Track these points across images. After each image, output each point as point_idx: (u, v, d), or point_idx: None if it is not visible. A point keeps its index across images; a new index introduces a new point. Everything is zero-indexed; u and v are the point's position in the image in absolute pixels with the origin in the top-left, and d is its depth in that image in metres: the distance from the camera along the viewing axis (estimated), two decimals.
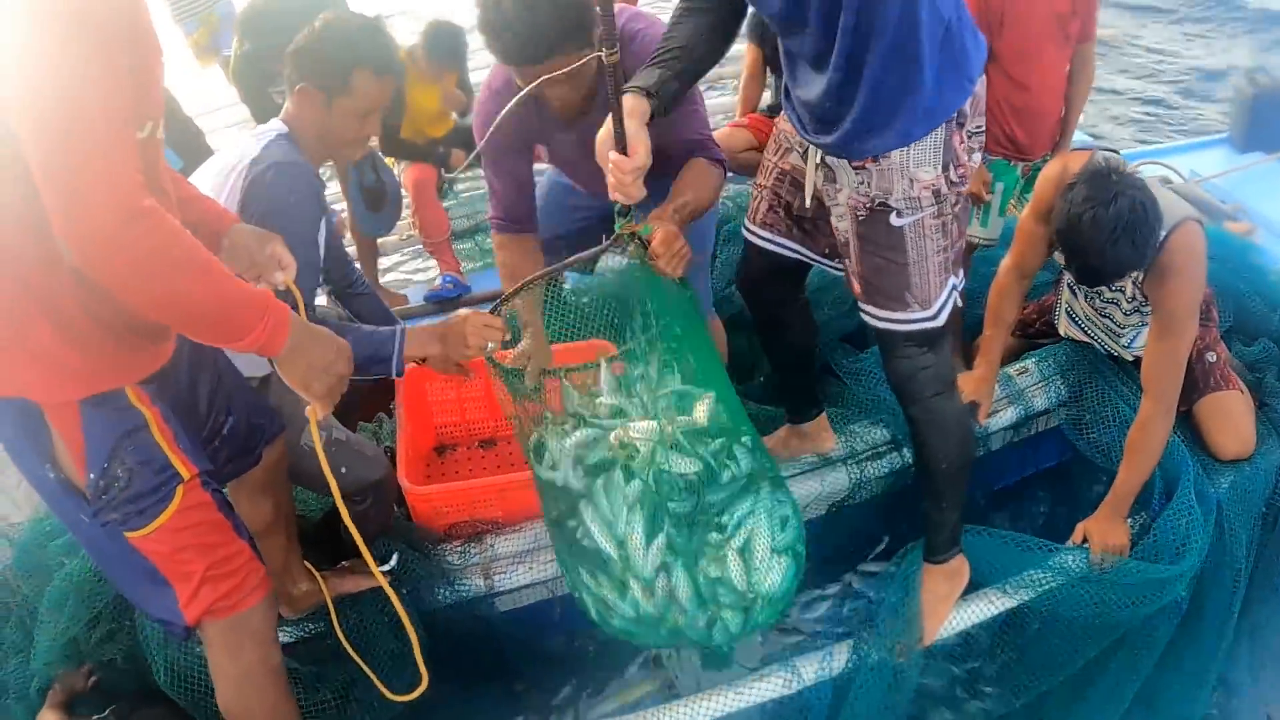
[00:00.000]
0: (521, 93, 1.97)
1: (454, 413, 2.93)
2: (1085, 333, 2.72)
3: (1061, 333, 2.85)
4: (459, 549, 2.45)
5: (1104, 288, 2.51)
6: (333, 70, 1.98)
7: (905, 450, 2.59)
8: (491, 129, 2.03)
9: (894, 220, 1.81)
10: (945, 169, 1.77)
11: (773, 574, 1.86)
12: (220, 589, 1.65)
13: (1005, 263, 2.61)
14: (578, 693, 2.63)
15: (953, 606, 2.18)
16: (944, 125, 1.75)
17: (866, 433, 2.64)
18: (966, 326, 3.07)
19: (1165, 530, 2.26)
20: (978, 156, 1.88)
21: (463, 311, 2.03)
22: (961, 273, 1.93)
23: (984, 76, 1.83)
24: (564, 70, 1.93)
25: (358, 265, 2.64)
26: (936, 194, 1.79)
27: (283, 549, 2.20)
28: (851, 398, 2.76)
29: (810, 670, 2.14)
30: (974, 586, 2.25)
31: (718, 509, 1.89)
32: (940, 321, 1.89)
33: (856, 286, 1.95)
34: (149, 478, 1.55)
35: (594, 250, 1.98)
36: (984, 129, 1.88)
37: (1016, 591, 2.23)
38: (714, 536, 1.88)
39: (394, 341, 1.93)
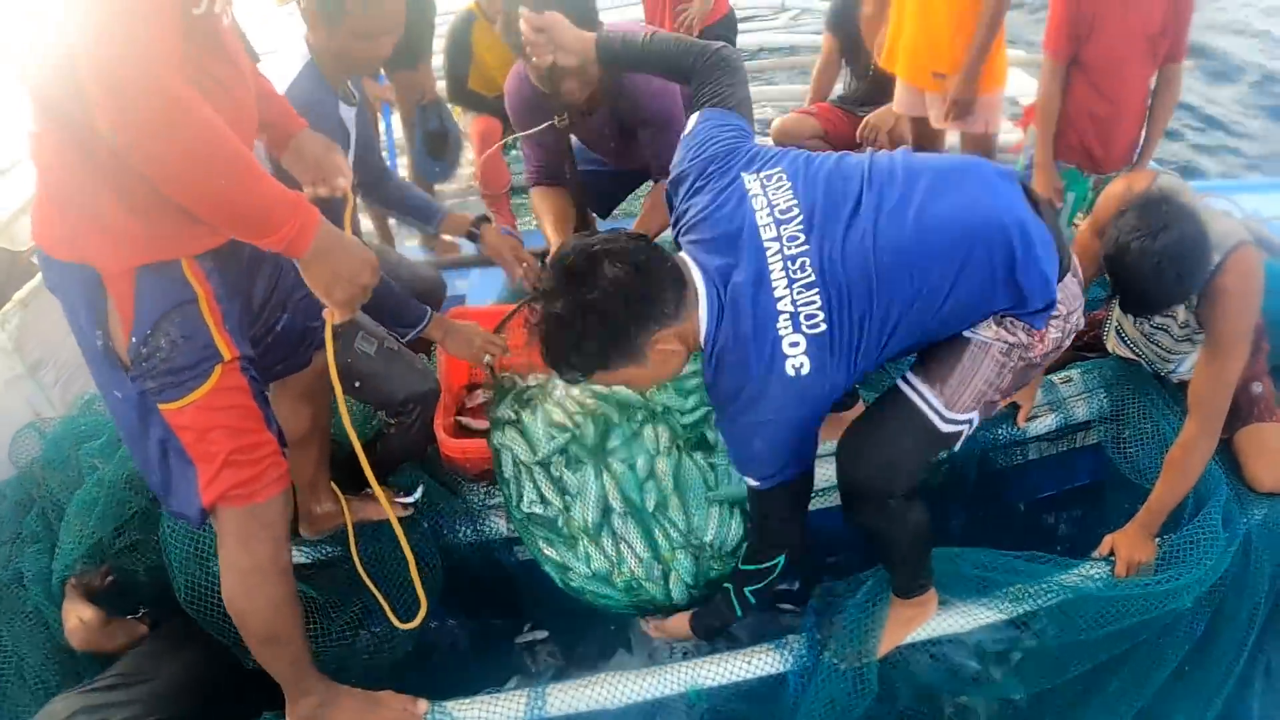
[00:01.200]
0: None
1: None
2: (1134, 352, 2.68)
3: (1109, 349, 2.80)
4: (484, 489, 2.49)
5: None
6: None
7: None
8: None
9: (965, 331, 1.81)
10: (1004, 328, 1.81)
11: (712, 522, 2.16)
12: (241, 475, 1.66)
13: None
14: (589, 646, 2.67)
15: (915, 630, 2.15)
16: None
17: None
18: None
19: (1182, 540, 2.23)
20: (1070, 337, 1.91)
21: (471, 324, 2.43)
22: (981, 420, 1.91)
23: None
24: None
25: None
26: (1006, 342, 1.81)
27: (313, 463, 2.25)
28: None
29: (769, 658, 2.14)
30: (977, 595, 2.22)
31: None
32: (944, 429, 1.83)
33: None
34: (190, 352, 1.56)
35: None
36: (1061, 312, 1.87)
37: (1018, 599, 2.19)
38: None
39: (424, 318, 2.34)
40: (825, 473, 2.42)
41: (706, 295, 1.72)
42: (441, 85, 4.15)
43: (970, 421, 1.86)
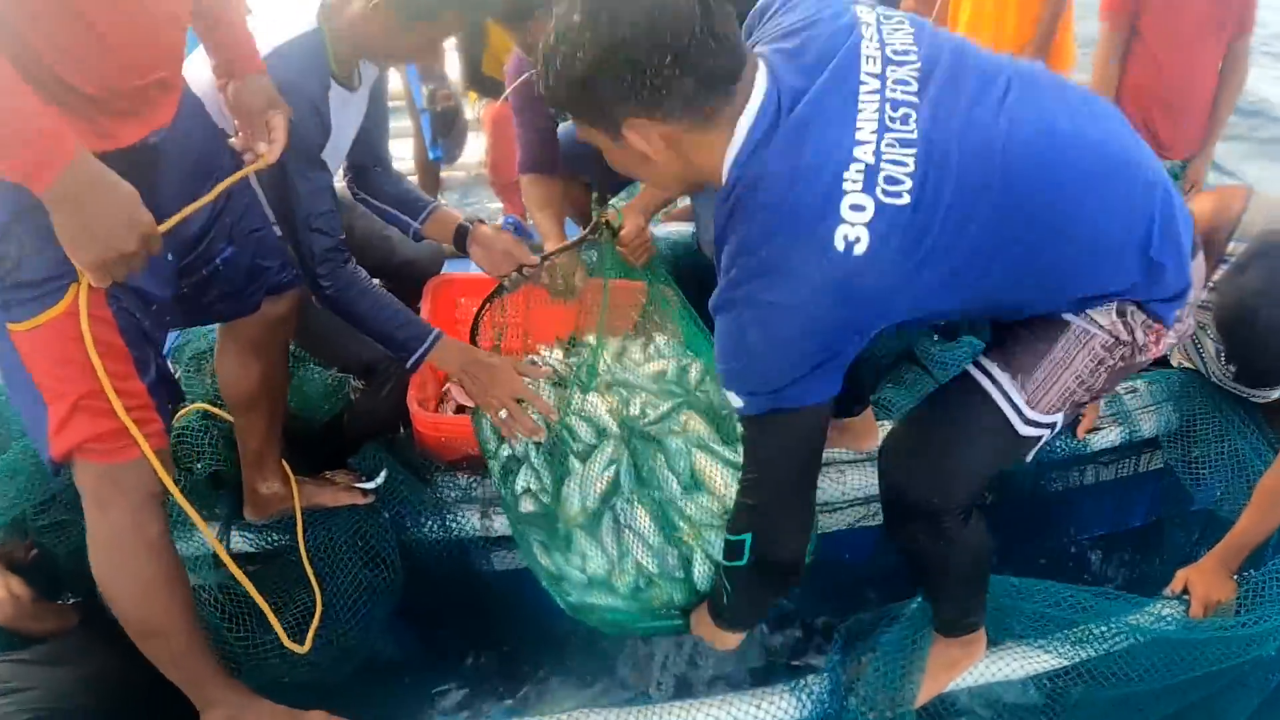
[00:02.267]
0: None
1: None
2: (1212, 375, 2.35)
3: (1175, 363, 2.49)
4: (459, 482, 2.17)
5: None
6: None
7: None
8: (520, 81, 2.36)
9: (1065, 314, 1.44)
10: (1123, 319, 1.43)
11: None
12: (98, 426, 1.40)
13: None
14: (568, 676, 2.32)
15: (959, 675, 1.80)
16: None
17: None
18: None
19: (1267, 577, 1.91)
20: (1170, 340, 1.52)
21: (504, 363, 1.97)
22: (1064, 425, 1.57)
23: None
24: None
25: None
26: (1115, 337, 1.44)
27: (260, 433, 1.95)
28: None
29: (782, 702, 1.77)
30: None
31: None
32: (1022, 430, 1.48)
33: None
34: (41, 266, 1.33)
35: (575, 240, 2.21)
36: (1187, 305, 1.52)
37: (1080, 642, 1.84)
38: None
39: (424, 343, 1.91)
40: (849, 483, 2.21)
41: (761, 106, 1.26)
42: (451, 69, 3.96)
43: (1053, 426, 1.51)
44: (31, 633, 1.89)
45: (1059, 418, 1.50)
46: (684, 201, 3.30)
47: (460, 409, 2.24)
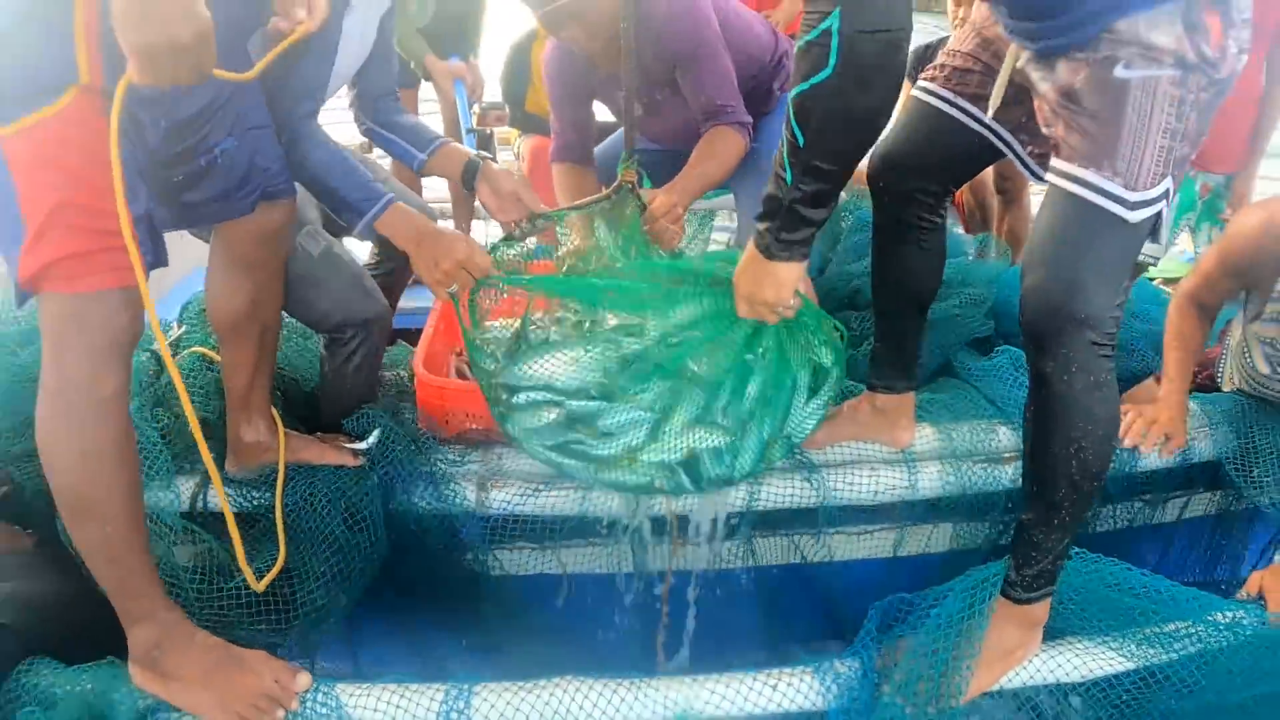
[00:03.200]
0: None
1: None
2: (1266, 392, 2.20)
3: (1225, 388, 2.35)
4: (456, 456, 1.99)
5: None
6: None
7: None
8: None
9: (1119, 71, 1.35)
10: (1191, 33, 1.33)
11: None
12: (65, 245, 1.27)
13: (1184, 288, 2.15)
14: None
15: (1015, 667, 1.59)
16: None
17: (984, 435, 2.08)
18: (1121, 378, 2.55)
19: None
20: (1244, 59, 1.42)
21: (458, 233, 1.82)
22: (1175, 189, 1.45)
23: None
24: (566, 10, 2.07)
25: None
26: (1180, 60, 1.33)
27: (248, 366, 1.80)
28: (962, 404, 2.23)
29: (804, 685, 1.54)
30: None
31: None
32: (1135, 217, 1.38)
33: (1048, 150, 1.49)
34: (39, 65, 1.24)
35: (599, 196, 2.07)
36: (1250, 22, 1.42)
37: (1143, 648, 1.62)
38: None
39: (375, 204, 1.79)
40: (883, 481, 1.97)
41: None
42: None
43: (1166, 194, 1.40)
44: None
45: (1166, 184, 1.39)
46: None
47: (461, 374, 2.11)
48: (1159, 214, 1.41)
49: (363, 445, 1.92)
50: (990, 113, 1.68)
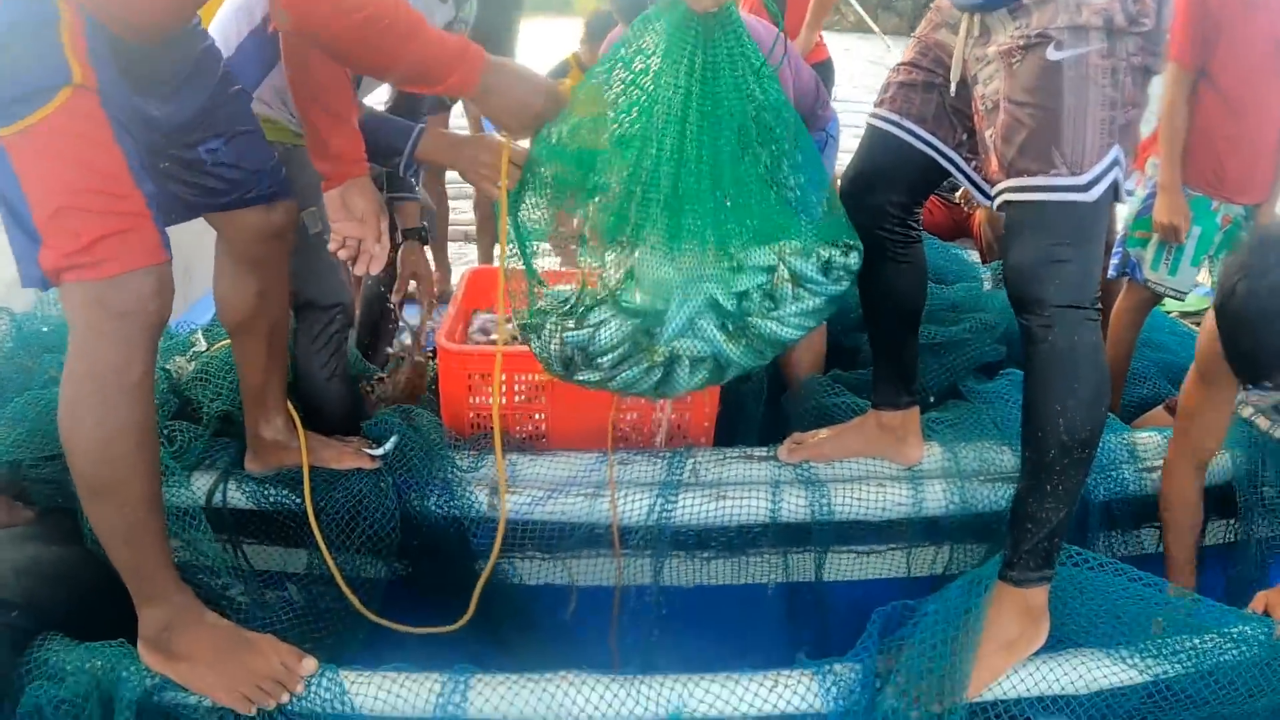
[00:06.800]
0: None
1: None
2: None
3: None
4: (472, 461, 2.04)
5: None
6: None
7: None
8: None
9: (1050, 53, 1.47)
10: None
11: None
12: (82, 235, 1.29)
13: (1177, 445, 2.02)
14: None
15: (1017, 661, 1.59)
16: None
17: (992, 454, 2.09)
18: (1129, 404, 2.55)
19: None
20: (1169, 9, 1.55)
21: (497, 137, 1.79)
22: (1127, 151, 1.53)
23: None
24: None
25: None
26: (1108, 26, 1.46)
27: (260, 364, 1.86)
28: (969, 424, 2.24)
29: (802, 687, 1.55)
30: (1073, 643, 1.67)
31: None
32: (1091, 196, 1.48)
33: (994, 162, 1.59)
34: (33, 68, 1.28)
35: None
36: None
37: (1143, 659, 1.61)
38: None
39: (410, 136, 1.89)
40: (902, 495, 1.98)
41: None
42: None
43: (1116, 163, 1.49)
44: None
45: (1114, 152, 1.49)
46: None
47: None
48: (1116, 181, 1.50)
49: (380, 451, 1.97)
50: (953, 88, 1.74)
